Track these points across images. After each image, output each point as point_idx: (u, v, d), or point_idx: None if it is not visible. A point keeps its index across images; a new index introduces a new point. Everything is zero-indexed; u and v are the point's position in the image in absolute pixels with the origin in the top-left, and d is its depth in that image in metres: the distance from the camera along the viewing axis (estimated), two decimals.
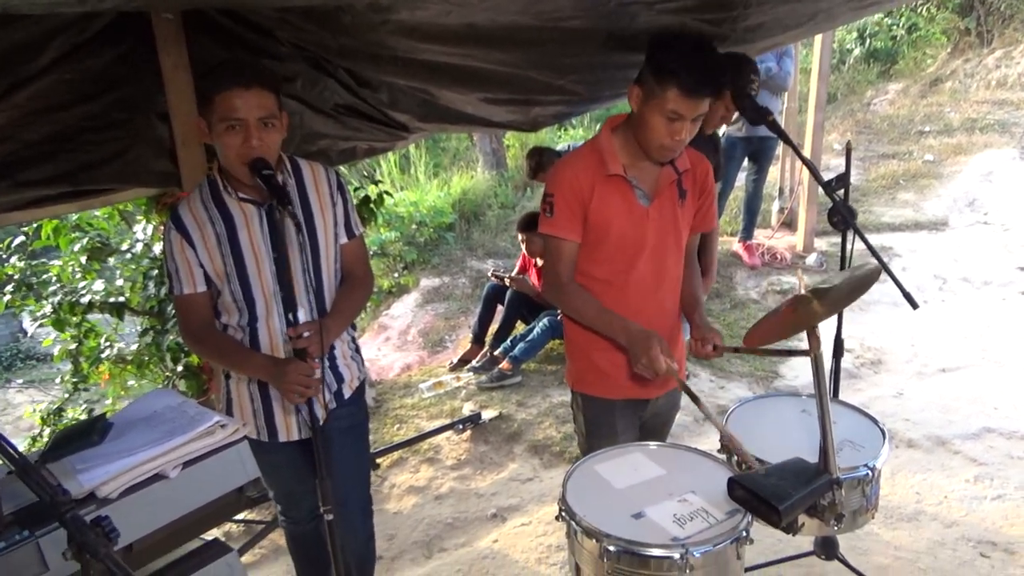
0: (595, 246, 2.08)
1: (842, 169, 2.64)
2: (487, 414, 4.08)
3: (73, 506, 1.07)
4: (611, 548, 1.59)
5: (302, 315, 1.92)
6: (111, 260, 4.13)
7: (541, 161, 5.09)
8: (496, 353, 4.72)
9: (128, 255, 4.06)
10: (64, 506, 1.06)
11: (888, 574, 2.70)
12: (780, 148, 6.66)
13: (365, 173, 8.75)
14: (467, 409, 4.18)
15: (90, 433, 1.46)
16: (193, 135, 2.95)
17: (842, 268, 2.66)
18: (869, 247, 2.51)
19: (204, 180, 1.97)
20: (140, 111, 2.84)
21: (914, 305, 2.42)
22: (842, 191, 2.59)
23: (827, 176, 2.58)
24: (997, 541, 2.87)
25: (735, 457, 2.01)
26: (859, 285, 1.77)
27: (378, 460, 3.74)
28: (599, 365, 2.17)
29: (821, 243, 6.21)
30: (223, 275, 1.94)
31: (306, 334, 1.85)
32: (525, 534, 3.13)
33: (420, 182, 9.48)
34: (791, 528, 1.72)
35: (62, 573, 1.27)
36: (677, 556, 1.55)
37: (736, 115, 2.86)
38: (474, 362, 4.82)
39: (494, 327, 5.09)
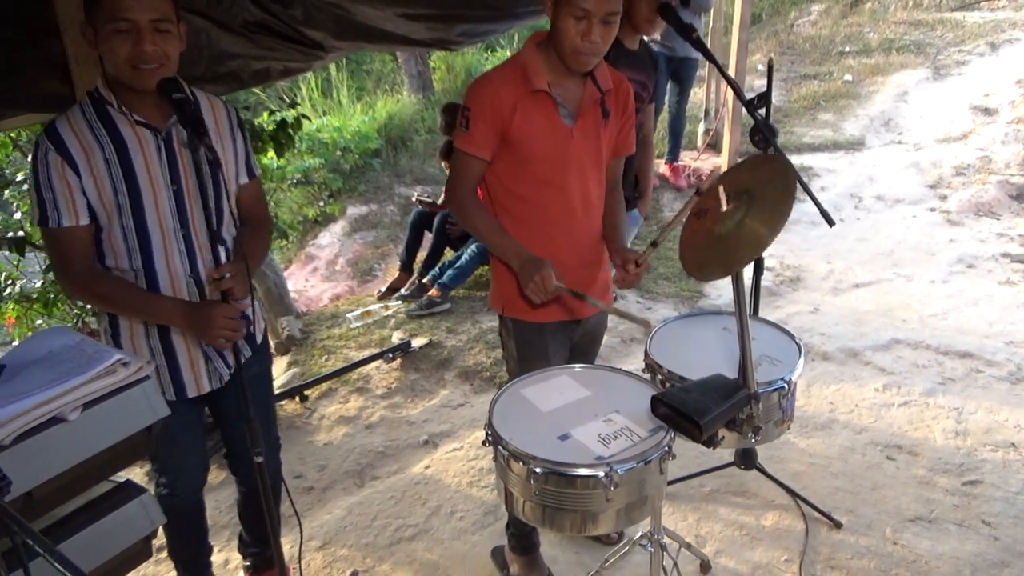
0: (519, 166, 2.02)
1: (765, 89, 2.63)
2: (417, 342, 4.06)
3: None
4: (538, 470, 1.61)
5: (221, 254, 1.80)
6: (6, 192, 3.85)
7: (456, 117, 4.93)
8: (425, 280, 4.67)
9: (25, 187, 3.79)
10: None
11: (803, 480, 2.85)
12: (706, 70, 6.66)
13: (284, 97, 8.37)
14: (396, 338, 4.14)
15: None
16: (87, 53, 2.72)
17: None
18: (788, 165, 2.53)
19: (85, 97, 1.76)
20: (22, 27, 2.59)
21: (830, 222, 2.47)
22: (764, 109, 2.60)
23: (750, 96, 2.57)
24: (902, 444, 3.06)
25: (659, 376, 2.04)
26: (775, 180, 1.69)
27: (306, 392, 3.69)
28: None
29: None
30: (112, 207, 1.75)
31: (228, 275, 1.72)
32: (457, 459, 3.16)
33: (343, 106, 9.13)
34: (712, 442, 1.76)
35: None
36: (602, 475, 1.57)
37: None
38: (403, 290, 4.77)
39: (422, 254, 5.02)
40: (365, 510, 2.88)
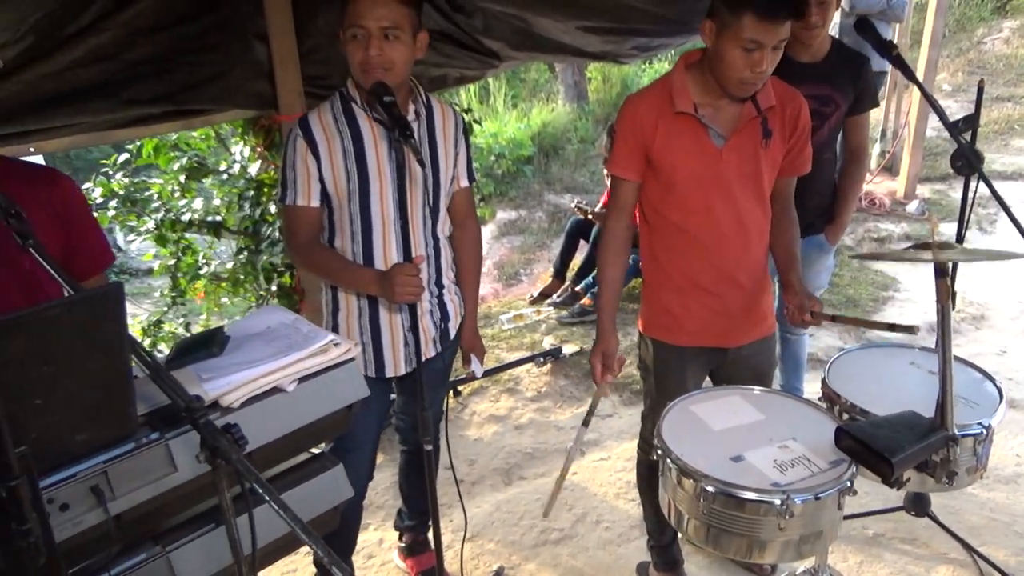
0: (666, 188, 1.99)
1: (955, 111, 2.45)
2: (568, 348, 4.09)
3: (206, 412, 1.11)
4: (709, 489, 1.58)
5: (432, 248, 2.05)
6: (207, 180, 4.23)
7: None
8: (578, 289, 4.69)
9: (224, 176, 4.15)
10: (198, 412, 1.11)
11: (981, 535, 2.62)
12: (885, 88, 6.27)
13: (449, 102, 8.71)
14: (547, 343, 4.20)
15: (211, 344, 1.51)
16: (290, 57, 2.96)
17: (961, 216, 2.51)
18: (995, 194, 2.36)
19: (335, 93, 1.95)
20: (238, 33, 2.85)
21: None
22: (969, 133, 2.42)
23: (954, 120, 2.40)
24: None
25: (837, 407, 1.95)
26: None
27: (460, 388, 3.81)
28: (669, 308, 2.10)
29: (923, 190, 5.87)
30: (344, 193, 1.92)
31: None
32: (604, 468, 3.16)
33: (499, 113, 9.37)
34: (897, 482, 1.67)
35: (189, 474, 1.34)
36: (778, 502, 1.52)
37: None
38: (554, 296, 4.81)
39: (576, 262, 5.04)
40: (512, 508, 2.94)
